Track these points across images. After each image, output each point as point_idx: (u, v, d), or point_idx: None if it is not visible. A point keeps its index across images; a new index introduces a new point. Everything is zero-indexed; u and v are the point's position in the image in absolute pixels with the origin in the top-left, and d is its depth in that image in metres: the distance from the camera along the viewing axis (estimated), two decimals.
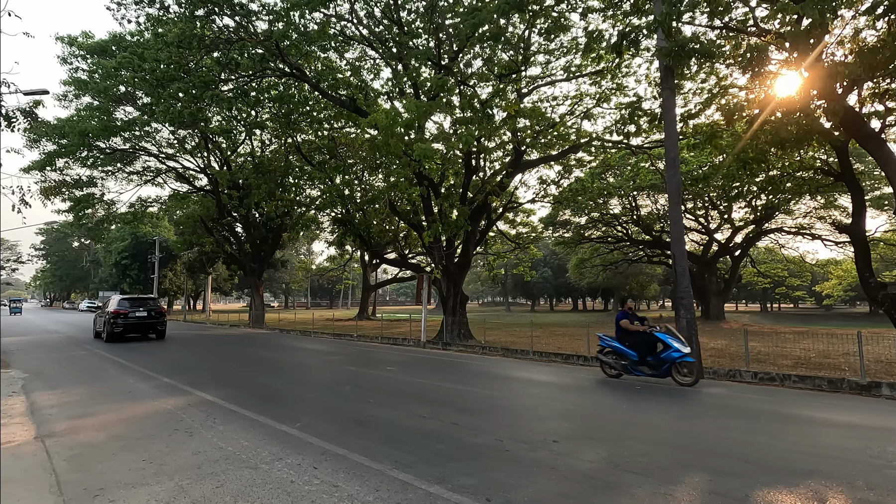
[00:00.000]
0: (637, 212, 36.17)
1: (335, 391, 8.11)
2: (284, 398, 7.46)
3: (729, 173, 17.91)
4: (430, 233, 18.08)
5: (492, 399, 7.58)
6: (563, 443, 4.97)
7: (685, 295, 11.56)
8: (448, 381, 9.29)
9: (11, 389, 8.37)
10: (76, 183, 27.77)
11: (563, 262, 55.71)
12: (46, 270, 72.10)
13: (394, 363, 12.29)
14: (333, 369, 10.68)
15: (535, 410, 6.65)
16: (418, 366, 11.91)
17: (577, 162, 24.26)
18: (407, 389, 8.31)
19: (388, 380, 9.29)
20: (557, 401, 7.40)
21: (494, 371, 11.23)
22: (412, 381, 9.31)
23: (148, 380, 9.12)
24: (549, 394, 8.12)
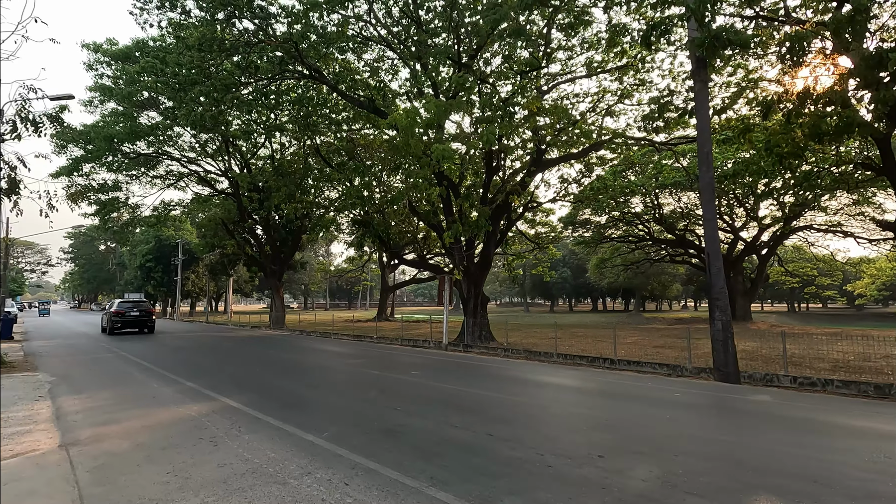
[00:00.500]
0: (659, 210, 35.32)
1: (360, 397, 7.85)
2: (309, 404, 7.23)
3: (761, 169, 17.20)
4: (451, 233, 17.79)
5: (524, 406, 7.24)
6: (609, 458, 4.61)
7: (720, 296, 11.04)
8: (475, 387, 8.97)
9: (38, 394, 8.32)
10: (102, 187, 28.25)
11: (583, 262, 54.89)
12: (75, 273, 73.92)
13: (417, 367, 12.01)
14: (357, 373, 10.44)
15: (572, 420, 6.29)
16: (442, 369, 11.62)
17: (599, 160, 23.71)
18: (434, 395, 8.02)
19: (414, 385, 9.01)
20: (592, 408, 7.03)
21: (520, 375, 10.88)
22: (438, 386, 9.01)
23: (172, 384, 9.00)
24: (581, 401, 7.75)
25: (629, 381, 9.98)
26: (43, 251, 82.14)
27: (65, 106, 12.54)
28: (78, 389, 8.67)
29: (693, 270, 47.66)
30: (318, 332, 25.31)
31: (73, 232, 63.13)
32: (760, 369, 11.49)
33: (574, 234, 41.55)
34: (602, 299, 65.90)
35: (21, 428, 6.17)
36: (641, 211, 36.44)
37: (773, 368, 11.51)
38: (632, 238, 39.08)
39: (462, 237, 18.66)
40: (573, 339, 20.31)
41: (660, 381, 9.95)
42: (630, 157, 24.22)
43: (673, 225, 36.51)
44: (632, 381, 9.83)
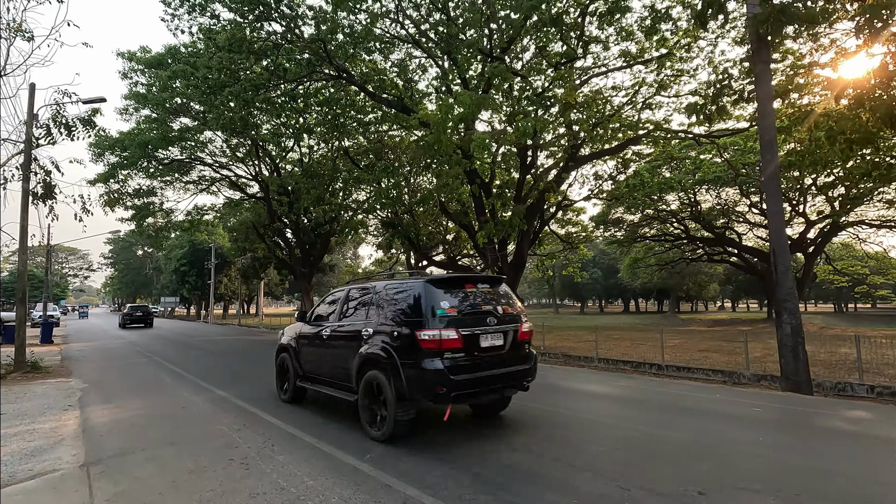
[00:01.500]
0: (697, 207, 33.71)
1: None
2: (346, 418, 6.60)
3: (818, 159, 15.85)
4: (485, 233, 17.07)
5: (585, 423, 6.44)
6: (712, 495, 3.79)
7: (789, 297, 9.96)
8: (523, 397, 8.20)
9: (68, 402, 7.98)
10: (137, 193, 28.65)
11: (614, 263, 53.25)
12: (114, 277, 76.22)
13: None
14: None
15: (648, 441, 5.46)
16: None
17: (636, 155, 22.58)
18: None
19: None
20: (665, 427, 6.18)
21: (567, 383, 10.04)
22: None
23: (202, 392, 8.55)
24: (648, 416, 6.89)
25: (689, 390, 9.03)
26: (85, 256, 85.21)
27: (97, 109, 12.39)
28: (108, 397, 8.30)
29: (732, 270, 45.54)
30: None
31: (113, 238, 65.05)
32: (827, 376, 10.38)
33: (606, 233, 40.24)
34: (634, 300, 63.80)
35: (45, 442, 5.74)
36: (677, 208, 34.91)
37: (840, 375, 10.39)
38: (668, 237, 37.51)
39: (496, 237, 17.92)
40: (610, 342, 19.33)
41: (723, 392, 8.97)
42: (669, 152, 23.02)
43: (711, 222, 34.82)
44: (693, 391, 8.88)
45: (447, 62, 20.94)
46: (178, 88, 23.73)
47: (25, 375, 10.90)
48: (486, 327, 5.36)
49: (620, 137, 19.14)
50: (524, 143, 16.31)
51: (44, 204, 12.77)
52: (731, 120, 18.94)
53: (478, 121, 18.21)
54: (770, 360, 12.94)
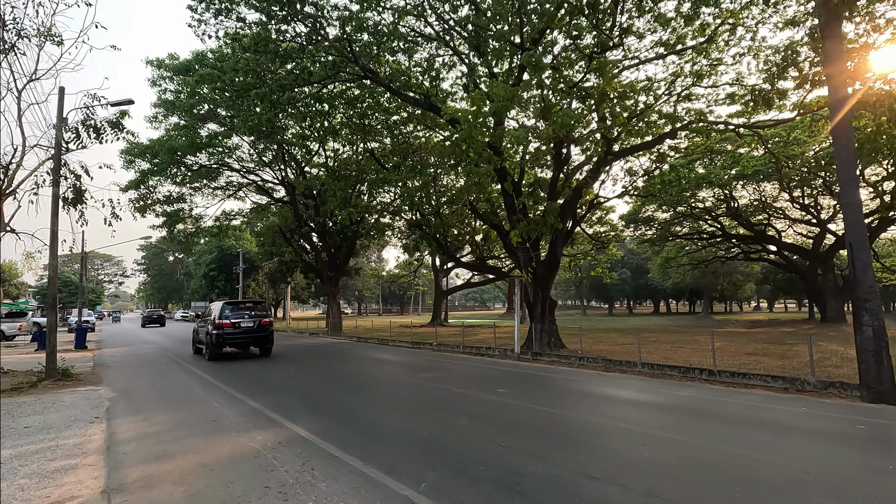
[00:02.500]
0: (734, 203, 32.12)
1: (449, 424, 6.47)
2: (391, 436, 5.94)
3: (882, 145, 14.53)
4: (518, 232, 16.28)
5: (652, 439, 5.62)
6: None
7: (870, 296, 8.90)
8: (579, 410, 7.41)
9: (95, 414, 7.54)
10: (167, 199, 28.85)
11: (643, 263, 51.56)
12: (147, 283, 77.99)
13: (493, 381, 10.57)
14: (433, 391, 9.09)
15: (725, 463, 4.63)
16: (524, 385, 10.11)
17: (672, 150, 21.41)
18: (536, 423, 6.53)
19: (505, 408, 7.55)
20: (755, 446, 5.33)
21: (613, 391, 9.19)
22: (533, 409, 7.50)
23: (234, 403, 8.01)
24: (713, 430, 6.03)
25: (759, 400, 8.08)
26: (119, 263, 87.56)
27: (125, 111, 12.12)
28: (136, 409, 7.84)
29: (769, 268, 43.44)
30: (376, 338, 24.39)
31: (145, 244, 66.50)
32: None
33: (636, 232, 38.86)
34: (666, 301, 61.62)
35: (67, 462, 5.23)
36: (711, 205, 33.36)
37: None
38: (702, 235, 35.93)
39: (530, 236, 17.13)
40: (648, 345, 18.33)
41: (802, 402, 7.99)
42: (708, 145, 21.82)
43: (749, 219, 33.17)
44: (765, 402, 7.93)
45: (474, 58, 20.27)
46: (206, 94, 23.72)
47: (56, 383, 10.62)
48: (243, 319, 14.74)
49: (654, 131, 18.17)
50: (560, 138, 15.49)
51: (74, 209, 12.57)
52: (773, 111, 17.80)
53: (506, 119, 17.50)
54: (829, 364, 11.83)
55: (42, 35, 12.10)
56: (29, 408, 8.09)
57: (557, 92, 14.60)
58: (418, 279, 50.88)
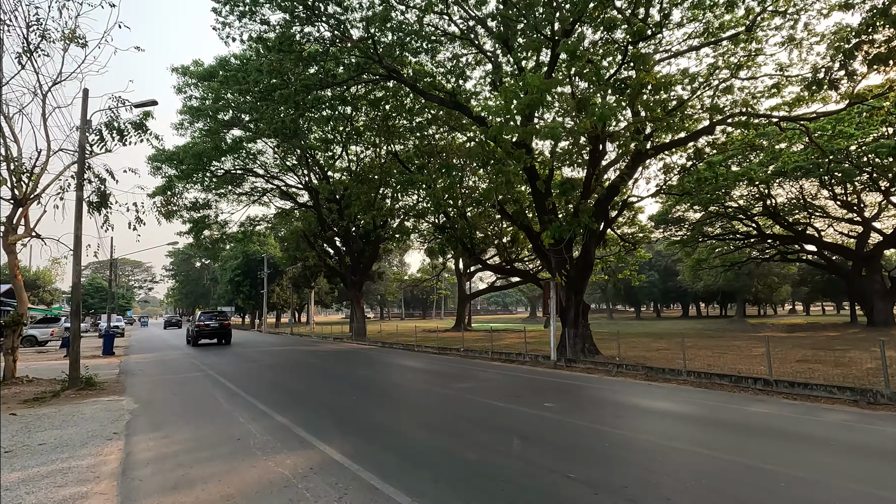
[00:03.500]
0: (770, 201, 30.47)
1: (503, 449, 5.62)
2: (438, 461, 5.18)
3: None
4: (551, 233, 15.41)
5: (756, 475, 4.73)
6: None
7: None
8: (643, 430, 6.53)
9: (114, 429, 6.99)
10: (193, 205, 28.89)
11: (672, 265, 49.82)
12: (175, 289, 79.22)
13: (536, 392, 9.73)
14: (475, 405, 8.25)
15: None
16: (570, 397, 9.25)
17: (709, 145, 20.27)
18: (600, 446, 5.68)
19: (558, 426, 6.71)
20: (850, 477, 4.41)
21: (676, 408, 8.24)
22: (593, 428, 6.64)
23: (260, 418, 7.38)
24: (822, 461, 5.10)
25: (855, 418, 7.06)
26: (148, 269, 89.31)
27: (149, 112, 11.75)
28: (157, 423, 7.27)
29: (807, 269, 41.29)
30: (401, 344, 23.72)
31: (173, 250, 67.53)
32: None
33: (665, 233, 37.42)
34: (696, 304, 59.31)
35: (77, 489, 4.63)
36: (746, 204, 31.75)
37: None
38: (737, 235, 34.29)
39: (563, 237, 16.24)
40: (686, 350, 17.22)
41: (882, 420, 6.94)
42: (750, 140, 20.58)
43: (787, 218, 31.46)
44: (844, 420, 6.91)
45: (501, 55, 19.55)
46: (230, 99, 23.60)
47: (79, 393, 10.21)
48: (212, 322, 25.48)
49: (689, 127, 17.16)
50: (596, 133, 14.59)
51: (98, 213, 12.26)
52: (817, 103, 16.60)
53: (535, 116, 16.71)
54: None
55: (66, 38, 11.85)
56: (47, 421, 7.61)
57: (593, 84, 13.72)
58: (441, 283, 50.16)
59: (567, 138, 12.91)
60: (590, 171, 16.40)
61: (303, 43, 17.38)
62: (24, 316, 11.35)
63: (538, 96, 12.29)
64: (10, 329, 11.14)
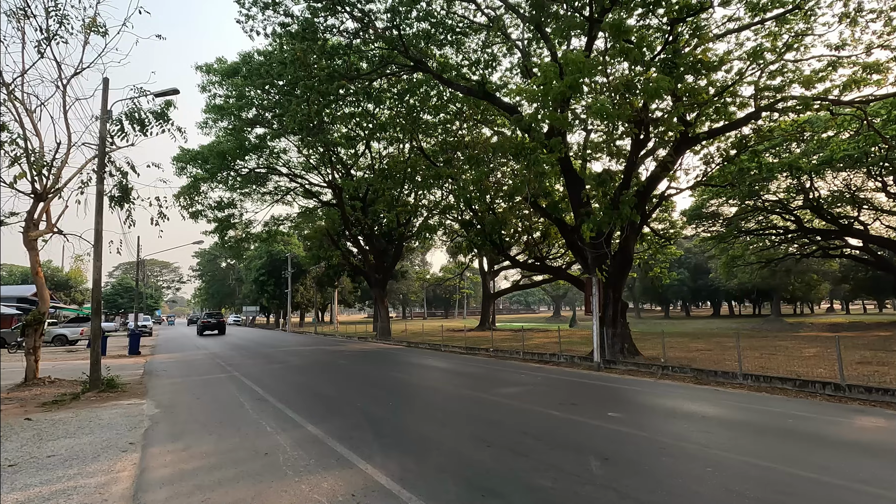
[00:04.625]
0: (813, 193, 28.58)
1: (583, 474, 4.64)
2: (509, 491, 4.25)
3: None
4: (591, 226, 14.36)
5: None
6: None
7: None
8: (739, 450, 5.49)
9: (130, 439, 6.27)
10: (218, 205, 28.63)
11: (703, 262, 47.81)
12: (202, 289, 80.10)
13: (591, 399, 8.74)
14: (530, 416, 7.19)
15: None
16: (629, 405, 8.23)
17: (755, 132, 18.88)
18: (701, 473, 4.68)
19: (637, 443, 5.70)
20: None
21: (755, 418, 7.14)
22: (679, 446, 5.62)
23: (290, 428, 6.57)
24: None
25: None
26: (176, 270, 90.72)
27: (170, 102, 11.14)
28: (177, 432, 6.53)
29: (850, 266, 38.93)
30: (427, 343, 22.88)
31: (199, 251, 68.24)
32: None
33: (698, 229, 35.70)
34: (728, 302, 56.82)
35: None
36: (785, 197, 29.90)
37: None
38: (776, 230, 32.43)
39: (602, 230, 15.16)
40: (729, 351, 16.11)
41: None
42: (801, 126, 19.15)
43: (830, 211, 29.50)
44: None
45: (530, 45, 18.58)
46: (253, 97, 23.16)
47: (100, 395, 9.62)
48: (211, 319, 39.76)
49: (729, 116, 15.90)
50: (641, 118, 13.49)
51: (120, 208, 11.72)
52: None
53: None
54: None
55: (87, 27, 11.35)
56: (62, 427, 6.96)
57: (638, 63, 12.61)
58: (464, 282, 49.21)
59: (613, 121, 11.81)
60: (632, 158, 15.29)
61: (326, 33, 16.75)
62: (46, 315, 10.84)
63: (579, 77, 11.25)
64: (32, 328, 10.65)
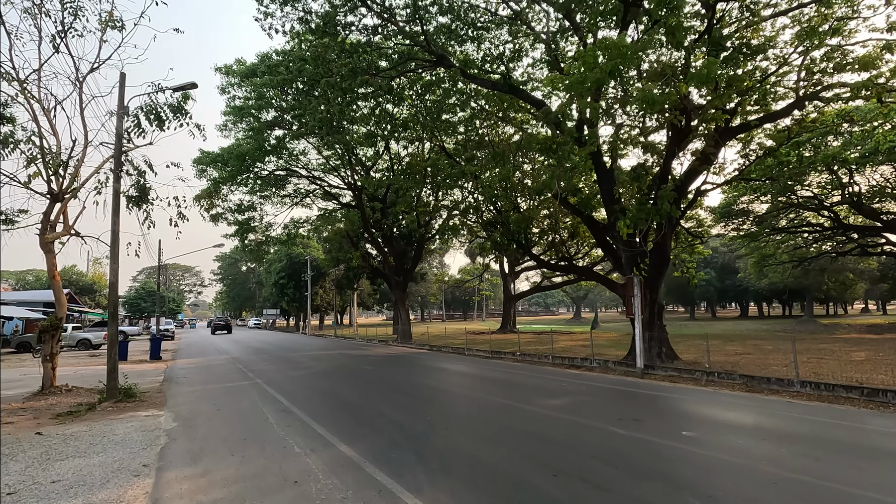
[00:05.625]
0: (852, 188, 26.99)
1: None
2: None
3: None
4: (629, 223, 13.43)
5: None
6: None
7: None
8: (862, 483, 4.55)
9: (143, 460, 5.58)
10: (238, 208, 28.35)
11: (730, 261, 46.05)
12: (223, 292, 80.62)
13: (649, 410, 7.81)
14: (587, 430, 6.31)
15: None
16: (695, 418, 7.30)
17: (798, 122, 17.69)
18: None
19: (728, 470, 4.80)
20: None
21: (841, 435, 6.15)
22: (789, 477, 4.71)
23: (321, 447, 5.80)
24: None
25: None
26: (198, 274, 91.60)
27: (188, 95, 10.57)
28: (196, 452, 5.82)
29: (889, 264, 36.92)
30: (450, 347, 22.06)
31: (220, 255, 68.65)
32: None
33: (727, 227, 34.20)
34: (757, 303, 54.51)
35: None
36: (821, 192, 28.34)
37: None
38: (815, 227, 30.82)
39: (639, 227, 14.18)
40: (770, 355, 15.09)
41: None
42: (849, 115, 17.88)
43: (872, 207, 27.84)
44: None
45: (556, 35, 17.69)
46: (272, 96, 22.74)
47: (116, 405, 9.02)
48: (221, 322, 50.15)
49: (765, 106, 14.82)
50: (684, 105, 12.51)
51: (138, 208, 11.19)
52: None
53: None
54: None
55: (103, 22, 10.86)
56: (72, 444, 6.33)
57: (681, 47, 11.65)
58: (484, 284, 48.27)
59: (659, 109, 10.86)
60: (671, 149, 14.28)
61: (345, 30, 16.18)
62: (63, 320, 10.33)
63: (619, 63, 10.34)
64: (49, 334, 10.14)
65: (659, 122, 14.38)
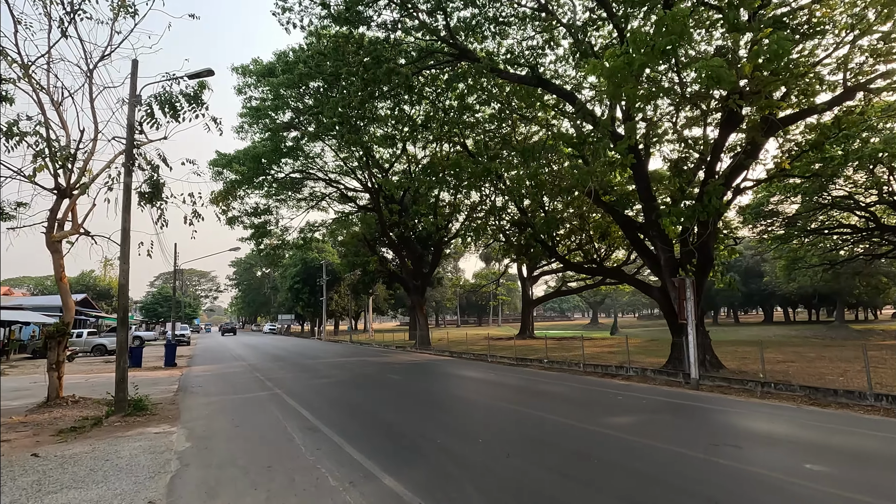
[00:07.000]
0: (890, 187, 25.43)
1: None
2: None
3: None
4: (675, 220, 12.34)
5: None
6: None
7: None
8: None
9: (149, 495, 4.60)
10: (254, 211, 27.72)
11: (754, 265, 44.30)
12: (238, 297, 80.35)
13: (730, 434, 6.68)
14: (675, 457, 5.21)
15: None
16: (791, 443, 6.13)
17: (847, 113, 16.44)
18: None
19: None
20: None
21: None
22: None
23: (359, 479, 4.77)
24: None
25: None
26: (214, 279, 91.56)
27: (204, 83, 9.72)
28: (212, 485, 4.82)
29: None
30: (472, 353, 20.96)
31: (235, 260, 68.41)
32: None
33: (756, 228, 32.70)
34: (784, 308, 52.30)
35: None
36: (855, 191, 26.79)
37: None
38: (845, 228, 29.22)
39: (688, 225, 13.05)
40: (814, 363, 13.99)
41: None
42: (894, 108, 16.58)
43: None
44: None
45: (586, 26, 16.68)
46: (288, 95, 22.05)
47: (125, 420, 8.10)
48: (228, 326, 61.78)
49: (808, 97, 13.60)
50: (739, 87, 11.38)
51: (151, 206, 10.35)
52: None
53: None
54: None
55: (116, 8, 10.10)
56: (70, 471, 5.38)
57: (735, 25, 10.54)
58: (500, 288, 47.10)
59: (727, 87, 9.74)
60: (722, 138, 13.13)
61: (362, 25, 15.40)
62: (70, 326, 9.48)
63: (675, 40, 9.27)
64: (55, 341, 9.29)
65: (708, 109, 13.22)
